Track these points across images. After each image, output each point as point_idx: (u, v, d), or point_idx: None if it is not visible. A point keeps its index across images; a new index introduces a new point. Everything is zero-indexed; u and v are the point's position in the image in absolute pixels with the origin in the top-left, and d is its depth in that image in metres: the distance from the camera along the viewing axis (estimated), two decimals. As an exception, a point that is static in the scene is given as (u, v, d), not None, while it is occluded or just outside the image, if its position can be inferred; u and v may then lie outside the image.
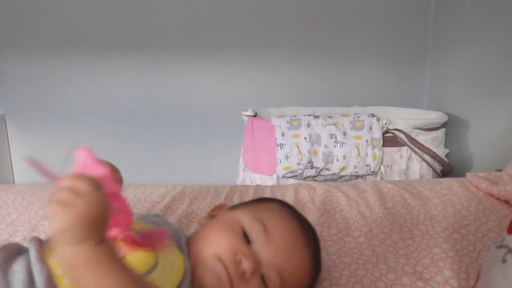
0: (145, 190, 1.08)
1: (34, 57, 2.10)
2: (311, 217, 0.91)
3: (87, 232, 0.38)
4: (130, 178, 0.74)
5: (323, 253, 0.77)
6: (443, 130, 1.68)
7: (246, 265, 0.53)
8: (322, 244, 0.80)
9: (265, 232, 0.57)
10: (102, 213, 0.39)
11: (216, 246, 0.55)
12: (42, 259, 0.49)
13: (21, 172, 2.22)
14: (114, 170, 0.55)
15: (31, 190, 1.10)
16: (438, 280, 0.68)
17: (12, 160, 2.21)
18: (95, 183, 0.39)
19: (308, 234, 0.62)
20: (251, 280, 0.54)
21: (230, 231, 0.57)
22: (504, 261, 0.43)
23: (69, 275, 0.39)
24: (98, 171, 0.43)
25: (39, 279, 0.47)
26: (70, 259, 0.38)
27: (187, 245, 0.60)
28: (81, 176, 0.40)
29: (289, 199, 1.02)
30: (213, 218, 0.66)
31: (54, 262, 0.50)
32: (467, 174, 1.11)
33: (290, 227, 0.59)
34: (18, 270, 0.49)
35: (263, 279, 0.55)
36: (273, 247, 0.56)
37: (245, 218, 0.59)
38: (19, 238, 0.84)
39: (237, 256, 0.54)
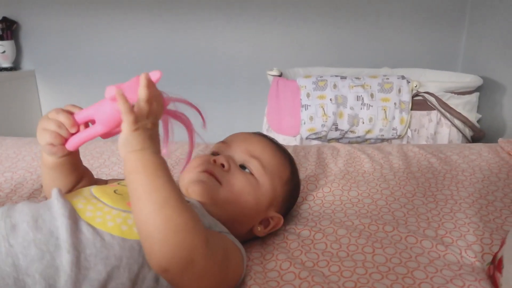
0: (169, 147, 1.09)
1: (62, 13, 2.10)
2: (332, 178, 0.90)
3: (149, 142, 0.50)
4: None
5: (341, 214, 0.77)
6: (477, 94, 1.60)
7: (219, 159, 0.66)
8: (340, 207, 0.80)
9: (223, 143, 0.71)
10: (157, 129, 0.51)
11: (194, 167, 0.66)
12: (64, 196, 0.54)
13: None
14: None
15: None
16: (460, 245, 0.66)
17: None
18: (162, 104, 0.52)
19: (262, 135, 0.76)
20: (232, 171, 0.66)
21: (201, 155, 0.70)
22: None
23: (131, 178, 0.49)
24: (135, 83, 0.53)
25: (64, 211, 0.50)
26: (134, 163, 0.49)
27: None
28: (156, 95, 0.52)
29: (312, 159, 1.01)
30: None
31: (80, 206, 0.53)
32: (500, 139, 1.06)
33: (245, 133, 0.75)
34: (22, 210, 0.51)
35: (244, 169, 0.67)
36: (234, 143, 0.70)
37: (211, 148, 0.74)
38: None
39: (211, 160, 0.66)
